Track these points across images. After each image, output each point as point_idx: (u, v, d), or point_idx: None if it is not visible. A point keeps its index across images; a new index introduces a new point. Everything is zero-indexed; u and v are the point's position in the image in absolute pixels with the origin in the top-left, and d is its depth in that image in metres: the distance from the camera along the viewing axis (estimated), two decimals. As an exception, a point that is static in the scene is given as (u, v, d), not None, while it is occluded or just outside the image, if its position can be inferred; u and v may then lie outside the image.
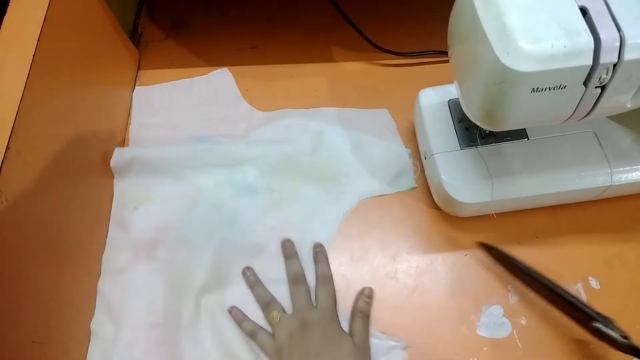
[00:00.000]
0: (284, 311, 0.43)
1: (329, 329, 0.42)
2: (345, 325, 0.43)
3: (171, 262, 0.48)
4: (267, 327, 0.44)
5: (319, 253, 0.47)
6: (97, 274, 0.48)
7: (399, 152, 0.53)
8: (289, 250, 0.47)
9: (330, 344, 0.40)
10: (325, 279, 0.45)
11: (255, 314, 0.45)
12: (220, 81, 0.58)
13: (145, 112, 0.57)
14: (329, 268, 0.46)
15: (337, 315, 0.43)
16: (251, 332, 0.43)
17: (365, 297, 0.44)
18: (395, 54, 0.57)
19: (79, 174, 0.46)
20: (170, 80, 0.58)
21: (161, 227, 0.50)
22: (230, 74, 0.58)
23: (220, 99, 0.57)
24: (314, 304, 0.44)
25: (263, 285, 0.46)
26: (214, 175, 0.52)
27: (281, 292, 0.46)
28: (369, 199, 0.51)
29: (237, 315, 0.44)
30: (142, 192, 0.52)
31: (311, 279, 0.46)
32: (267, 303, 0.44)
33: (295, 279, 0.45)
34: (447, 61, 0.39)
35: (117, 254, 0.49)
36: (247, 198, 0.51)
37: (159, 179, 0.52)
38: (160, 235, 0.49)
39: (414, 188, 0.51)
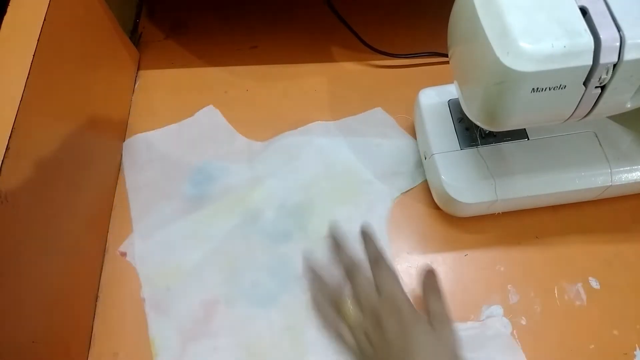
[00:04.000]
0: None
1: (402, 316, 0.36)
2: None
3: (235, 334, 0.45)
4: None
5: (365, 233, 0.42)
6: (97, 273, 0.48)
7: (409, 144, 0.52)
8: (337, 239, 0.42)
9: (408, 333, 0.35)
10: (376, 259, 0.39)
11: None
12: (209, 119, 0.55)
13: (138, 165, 0.53)
14: (377, 246, 0.40)
15: (405, 295, 0.37)
16: (336, 330, 0.39)
17: (427, 272, 0.40)
18: (393, 56, 0.57)
19: (79, 174, 0.46)
20: (169, 81, 0.58)
21: (208, 301, 0.46)
22: (218, 111, 0.56)
23: (214, 138, 0.54)
24: (377, 292, 0.38)
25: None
26: (239, 230, 0.49)
27: None
28: (369, 199, 0.50)
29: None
30: (169, 269, 0.48)
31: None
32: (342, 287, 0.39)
33: (349, 271, 0.40)
34: (446, 62, 0.39)
35: (166, 341, 0.45)
36: (285, 245, 0.48)
37: (182, 251, 0.49)
38: (211, 310, 0.46)
39: None
